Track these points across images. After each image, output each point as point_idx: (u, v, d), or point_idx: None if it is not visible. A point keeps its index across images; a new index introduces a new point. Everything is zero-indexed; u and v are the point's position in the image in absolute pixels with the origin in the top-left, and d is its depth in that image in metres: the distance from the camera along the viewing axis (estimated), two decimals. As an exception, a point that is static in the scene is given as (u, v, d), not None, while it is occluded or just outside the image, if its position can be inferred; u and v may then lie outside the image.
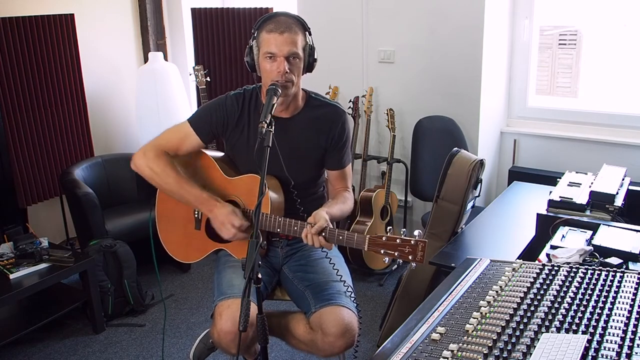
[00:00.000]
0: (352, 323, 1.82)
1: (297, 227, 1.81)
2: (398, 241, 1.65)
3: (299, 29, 1.86)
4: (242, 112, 1.99)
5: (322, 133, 2.00)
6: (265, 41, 1.83)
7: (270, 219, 1.86)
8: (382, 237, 1.67)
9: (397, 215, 3.64)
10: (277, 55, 1.82)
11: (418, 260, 1.63)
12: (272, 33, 1.81)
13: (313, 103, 2.02)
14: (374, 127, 3.69)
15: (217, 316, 1.84)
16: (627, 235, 1.80)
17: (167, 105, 3.87)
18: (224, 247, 2.03)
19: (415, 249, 1.62)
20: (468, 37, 3.26)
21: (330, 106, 2.04)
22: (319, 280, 1.95)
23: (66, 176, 3.32)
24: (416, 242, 1.62)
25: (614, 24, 3.28)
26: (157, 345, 2.87)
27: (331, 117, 2.01)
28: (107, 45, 4.09)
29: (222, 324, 1.80)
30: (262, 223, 1.86)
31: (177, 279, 3.54)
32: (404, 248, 1.63)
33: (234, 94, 2.02)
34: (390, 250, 1.65)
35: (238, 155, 2.05)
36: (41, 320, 2.81)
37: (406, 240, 1.64)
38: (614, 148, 3.22)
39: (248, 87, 2.03)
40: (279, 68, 1.81)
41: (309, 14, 3.74)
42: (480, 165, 2.47)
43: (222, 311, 1.83)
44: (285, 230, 1.84)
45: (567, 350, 1.10)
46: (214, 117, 2.00)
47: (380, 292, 3.34)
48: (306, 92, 2.03)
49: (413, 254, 1.63)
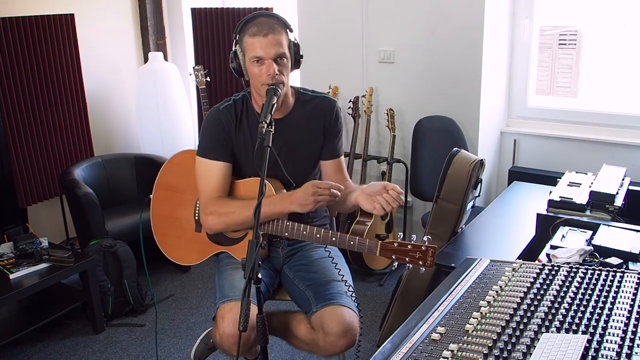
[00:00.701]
0: (354, 323, 1.82)
1: (307, 232, 1.80)
2: (409, 247, 1.68)
3: (282, 28, 1.84)
4: (238, 121, 1.98)
5: (317, 125, 2.00)
6: (250, 45, 1.81)
7: (279, 224, 1.85)
8: (394, 242, 1.69)
9: (397, 215, 3.64)
10: (265, 58, 1.80)
11: (428, 265, 1.67)
12: (256, 36, 1.79)
13: (303, 98, 2.02)
14: (374, 127, 3.69)
15: (220, 319, 1.83)
16: (627, 235, 1.80)
17: (167, 105, 3.87)
18: (226, 250, 2.02)
19: (426, 254, 1.66)
20: (468, 37, 3.26)
21: (320, 97, 2.04)
22: (320, 279, 1.95)
23: (66, 176, 3.32)
24: (427, 247, 1.66)
25: (614, 24, 3.28)
26: (157, 345, 2.87)
27: (323, 108, 2.02)
28: (107, 45, 4.09)
29: (224, 326, 1.80)
30: (278, 229, 1.86)
31: (177, 279, 3.54)
32: (415, 254, 1.67)
33: (224, 106, 1.98)
34: (402, 256, 1.68)
35: (241, 161, 2.04)
36: (41, 320, 2.81)
37: (417, 246, 1.67)
38: (614, 148, 3.22)
39: (237, 96, 2.01)
40: (269, 71, 1.80)
41: (309, 14, 3.75)
42: (480, 165, 2.47)
43: (224, 314, 1.82)
44: (294, 235, 1.83)
45: (567, 350, 1.10)
46: (219, 135, 1.96)
47: (380, 292, 3.34)
48: (294, 88, 2.03)
49: (423, 259, 1.66)
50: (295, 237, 1.85)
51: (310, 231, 1.80)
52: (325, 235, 1.79)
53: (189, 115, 4.13)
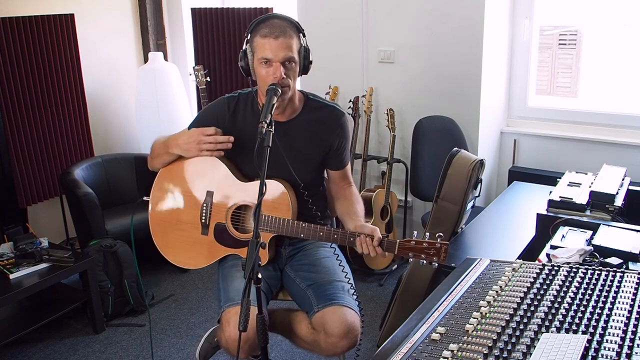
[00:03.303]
0: (355, 323, 1.82)
1: (323, 232, 1.83)
2: (425, 245, 1.74)
3: (294, 32, 1.83)
4: (235, 115, 1.98)
5: (321, 135, 1.99)
6: (260, 46, 1.81)
7: (294, 225, 1.86)
8: (411, 241, 1.75)
9: (397, 215, 3.64)
10: (273, 60, 1.79)
11: (441, 260, 1.74)
12: (267, 38, 1.79)
13: (311, 105, 2.00)
14: (374, 127, 3.69)
15: (225, 323, 1.83)
16: (627, 235, 1.80)
17: (167, 105, 3.87)
18: (236, 252, 1.99)
19: (440, 250, 1.74)
20: (468, 37, 3.26)
21: (329, 107, 2.02)
22: (322, 279, 1.94)
23: (66, 176, 3.32)
24: (440, 244, 1.73)
25: (614, 24, 3.28)
26: (157, 346, 2.87)
27: (330, 119, 2.00)
28: (107, 45, 4.09)
29: (230, 330, 1.80)
30: (285, 229, 1.87)
31: (177, 279, 3.54)
32: (430, 250, 1.74)
33: (227, 96, 2.02)
34: (418, 253, 1.75)
35: (238, 157, 2.05)
36: (41, 320, 2.81)
37: (432, 242, 1.74)
38: (614, 148, 3.22)
39: (244, 91, 2.02)
40: (275, 74, 1.79)
41: (309, 14, 3.76)
42: (480, 165, 2.47)
43: (229, 318, 1.82)
44: (310, 236, 1.85)
45: (567, 350, 1.10)
46: (207, 120, 2.01)
47: (380, 292, 3.34)
48: (303, 93, 2.02)
49: (437, 255, 1.74)
50: (312, 238, 1.86)
51: (327, 232, 1.82)
52: (342, 236, 1.81)
53: (189, 115, 4.12)
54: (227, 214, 1.98)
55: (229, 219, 1.98)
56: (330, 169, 2.08)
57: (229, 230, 1.99)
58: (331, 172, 2.09)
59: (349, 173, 2.13)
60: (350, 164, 2.19)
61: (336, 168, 2.08)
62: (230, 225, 1.98)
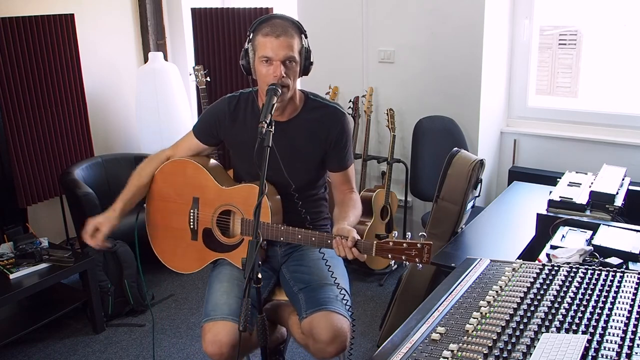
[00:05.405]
0: (343, 328, 1.80)
1: (302, 235, 1.80)
2: (404, 245, 1.66)
3: (295, 32, 1.84)
4: (236, 114, 1.99)
5: (321, 135, 1.98)
6: (261, 45, 1.81)
7: (273, 229, 1.84)
8: (389, 242, 1.68)
9: (397, 215, 3.63)
10: (273, 59, 1.80)
11: (424, 262, 1.66)
12: (268, 37, 1.79)
13: (311, 104, 2.00)
14: (374, 127, 3.69)
15: (203, 336, 1.85)
16: (627, 235, 1.80)
17: (167, 105, 3.87)
18: (224, 257, 2.00)
19: (422, 251, 1.65)
20: (468, 37, 3.26)
21: (329, 107, 2.01)
22: (314, 283, 1.93)
23: (66, 176, 3.31)
24: (422, 245, 1.65)
25: (614, 24, 3.28)
26: (157, 345, 2.87)
27: (330, 119, 1.99)
28: (107, 45, 4.09)
29: (206, 345, 1.82)
30: (265, 232, 1.85)
31: (177, 279, 3.54)
32: (411, 251, 1.66)
33: (229, 96, 2.04)
34: (398, 254, 1.67)
35: (236, 157, 2.05)
36: (41, 320, 2.81)
37: (412, 243, 1.66)
38: (614, 148, 3.22)
39: (245, 91, 2.03)
40: (275, 72, 1.79)
41: (309, 14, 3.76)
42: (480, 165, 2.47)
43: (205, 334, 1.83)
44: (289, 239, 1.83)
45: (567, 350, 1.10)
46: (209, 119, 2.06)
47: (380, 292, 3.34)
48: (304, 93, 2.01)
49: (419, 257, 1.66)
50: (291, 241, 1.85)
51: (305, 235, 1.80)
52: (320, 238, 1.78)
53: (189, 115, 4.12)
54: (213, 220, 2.00)
55: (215, 224, 2.00)
56: (332, 170, 2.06)
57: (216, 235, 2.00)
58: (333, 175, 2.07)
59: (351, 177, 2.09)
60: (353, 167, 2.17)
61: (335, 169, 2.05)
62: (216, 230, 2.00)
